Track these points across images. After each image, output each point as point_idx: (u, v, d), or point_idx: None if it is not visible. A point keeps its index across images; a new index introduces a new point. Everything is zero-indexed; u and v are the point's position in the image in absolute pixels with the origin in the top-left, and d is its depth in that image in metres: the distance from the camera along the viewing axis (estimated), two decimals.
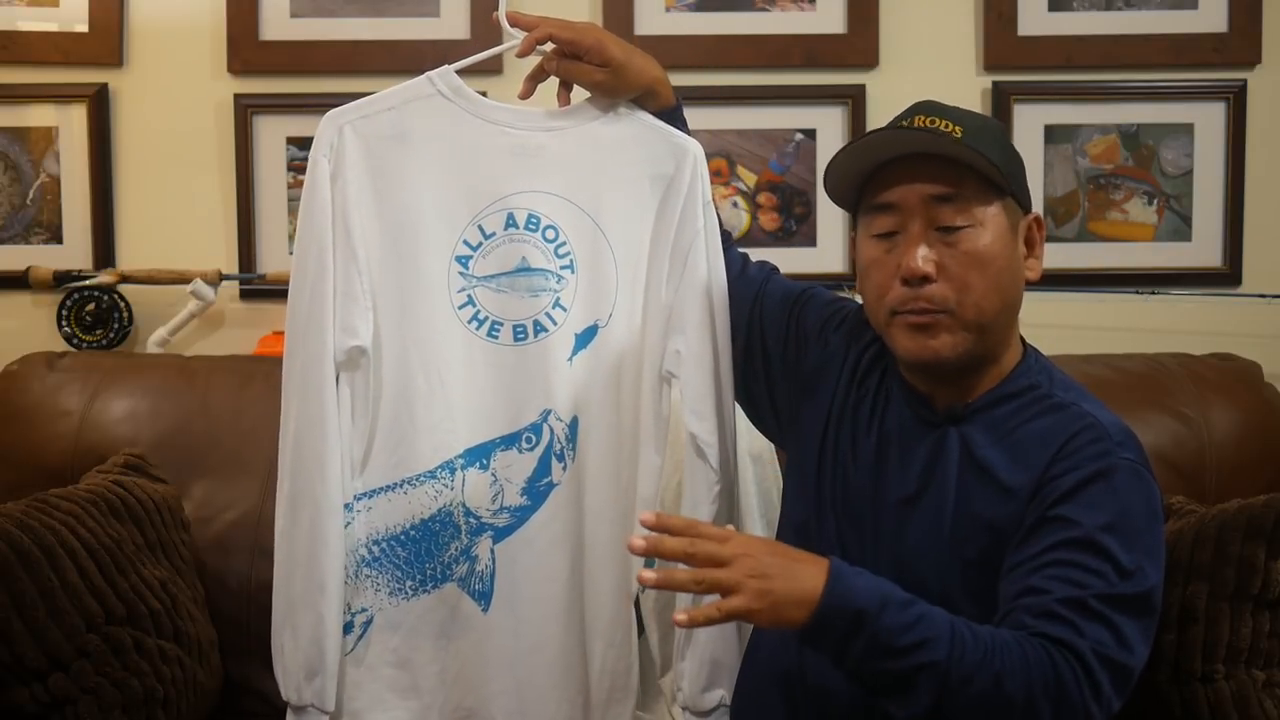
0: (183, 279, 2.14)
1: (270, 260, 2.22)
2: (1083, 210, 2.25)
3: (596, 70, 1.37)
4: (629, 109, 1.43)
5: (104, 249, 2.22)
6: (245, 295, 2.23)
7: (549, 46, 1.39)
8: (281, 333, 2.16)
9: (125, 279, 2.15)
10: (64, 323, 2.15)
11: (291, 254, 1.41)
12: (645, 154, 1.42)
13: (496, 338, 1.41)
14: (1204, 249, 2.25)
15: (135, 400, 1.93)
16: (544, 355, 1.42)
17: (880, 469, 1.28)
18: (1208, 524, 1.39)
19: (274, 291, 2.19)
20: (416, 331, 1.41)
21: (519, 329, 1.41)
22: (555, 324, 1.42)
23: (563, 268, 1.41)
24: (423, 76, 1.41)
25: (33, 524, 1.47)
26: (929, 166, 1.21)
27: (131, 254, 2.22)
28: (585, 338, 1.42)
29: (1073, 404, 1.23)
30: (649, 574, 1.09)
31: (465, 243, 1.41)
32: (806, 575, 1.09)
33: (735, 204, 2.24)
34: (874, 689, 1.12)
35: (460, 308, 1.41)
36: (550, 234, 1.41)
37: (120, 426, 1.91)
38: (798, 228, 2.25)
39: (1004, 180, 1.21)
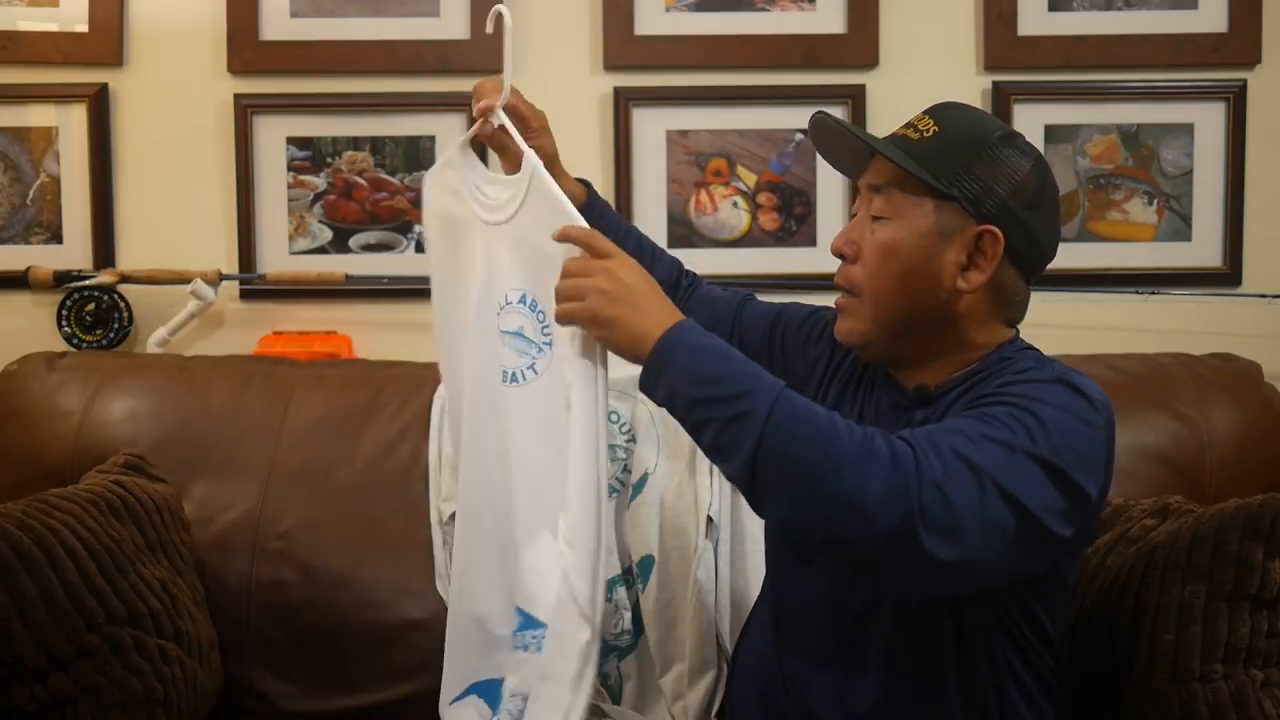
0: (183, 279, 2.14)
1: (270, 260, 2.21)
2: (1083, 210, 2.25)
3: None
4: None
5: (104, 249, 2.22)
6: (245, 295, 2.23)
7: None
8: (281, 333, 2.19)
9: (125, 279, 2.15)
10: (64, 323, 2.15)
11: (293, 254, 1.39)
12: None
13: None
14: (1204, 249, 2.25)
15: (135, 400, 1.93)
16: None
17: None
18: (1205, 524, 1.39)
19: (274, 291, 2.20)
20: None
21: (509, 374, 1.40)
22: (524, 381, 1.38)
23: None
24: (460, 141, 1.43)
25: (33, 524, 1.48)
26: (879, 159, 1.25)
27: (131, 254, 2.23)
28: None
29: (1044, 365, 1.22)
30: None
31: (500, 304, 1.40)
32: (651, 317, 1.13)
33: (735, 204, 2.24)
34: (707, 445, 1.11)
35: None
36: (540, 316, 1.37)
37: (120, 426, 1.91)
38: (798, 228, 2.25)
39: (940, 184, 1.20)
